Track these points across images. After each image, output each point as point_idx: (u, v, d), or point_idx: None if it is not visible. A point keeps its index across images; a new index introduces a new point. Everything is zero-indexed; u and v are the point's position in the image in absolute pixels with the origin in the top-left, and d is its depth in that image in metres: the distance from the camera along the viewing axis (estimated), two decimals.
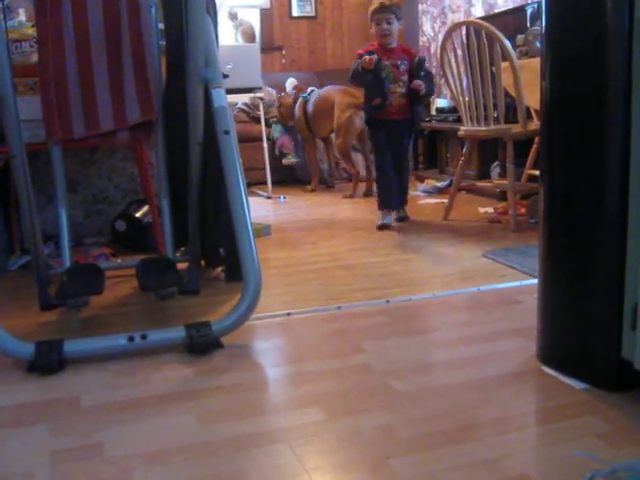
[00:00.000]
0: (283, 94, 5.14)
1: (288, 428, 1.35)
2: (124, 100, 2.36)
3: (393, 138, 3.40)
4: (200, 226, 2.27)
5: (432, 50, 5.62)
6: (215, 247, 2.49)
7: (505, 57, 3.09)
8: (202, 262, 2.53)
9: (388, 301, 2.17)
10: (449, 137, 4.73)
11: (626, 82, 1.33)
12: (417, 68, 3.35)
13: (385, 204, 3.42)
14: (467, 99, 3.30)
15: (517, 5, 4.44)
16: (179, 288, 2.07)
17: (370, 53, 3.27)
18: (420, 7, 5.70)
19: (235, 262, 1.99)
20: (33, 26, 2.61)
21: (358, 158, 4.79)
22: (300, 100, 4.81)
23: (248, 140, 4.72)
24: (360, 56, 3.30)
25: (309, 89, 4.87)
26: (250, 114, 5.23)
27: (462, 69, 3.25)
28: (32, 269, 2.19)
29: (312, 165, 4.88)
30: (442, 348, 1.78)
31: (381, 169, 3.44)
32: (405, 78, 3.34)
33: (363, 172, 4.58)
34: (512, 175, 3.18)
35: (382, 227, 3.34)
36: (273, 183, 4.60)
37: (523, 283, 2.30)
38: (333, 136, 4.63)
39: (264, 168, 4.54)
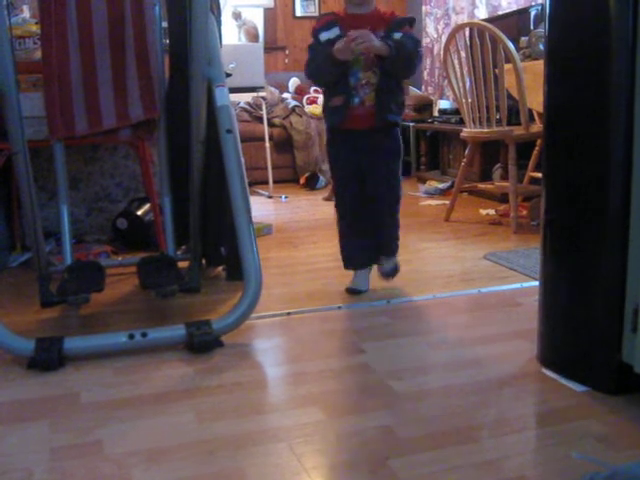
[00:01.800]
0: None
1: (288, 427, 1.35)
2: (127, 98, 2.36)
3: (367, 159, 2.10)
4: (201, 225, 2.27)
5: (435, 51, 5.61)
6: (216, 246, 2.49)
7: (508, 59, 3.09)
8: (203, 261, 2.53)
9: (388, 302, 2.17)
10: (451, 138, 4.73)
11: (629, 85, 1.33)
12: (392, 30, 2.01)
13: (349, 262, 2.25)
14: (470, 101, 3.30)
15: (521, 7, 4.44)
16: (180, 286, 2.07)
17: (331, 25, 2.04)
18: (424, 8, 5.69)
19: (236, 261, 2.00)
20: (37, 23, 2.62)
21: None
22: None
23: (250, 139, 4.73)
24: (316, 33, 2.06)
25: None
26: (252, 113, 5.24)
27: (465, 71, 3.24)
28: (33, 266, 2.20)
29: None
30: (442, 349, 1.77)
31: (341, 211, 2.20)
32: None
33: None
34: (514, 177, 3.18)
35: (352, 292, 2.23)
36: (274, 182, 4.61)
37: (524, 285, 2.29)
38: None
39: (266, 168, 4.55)
